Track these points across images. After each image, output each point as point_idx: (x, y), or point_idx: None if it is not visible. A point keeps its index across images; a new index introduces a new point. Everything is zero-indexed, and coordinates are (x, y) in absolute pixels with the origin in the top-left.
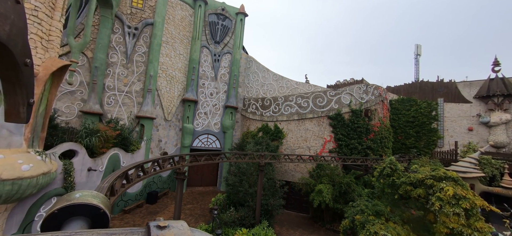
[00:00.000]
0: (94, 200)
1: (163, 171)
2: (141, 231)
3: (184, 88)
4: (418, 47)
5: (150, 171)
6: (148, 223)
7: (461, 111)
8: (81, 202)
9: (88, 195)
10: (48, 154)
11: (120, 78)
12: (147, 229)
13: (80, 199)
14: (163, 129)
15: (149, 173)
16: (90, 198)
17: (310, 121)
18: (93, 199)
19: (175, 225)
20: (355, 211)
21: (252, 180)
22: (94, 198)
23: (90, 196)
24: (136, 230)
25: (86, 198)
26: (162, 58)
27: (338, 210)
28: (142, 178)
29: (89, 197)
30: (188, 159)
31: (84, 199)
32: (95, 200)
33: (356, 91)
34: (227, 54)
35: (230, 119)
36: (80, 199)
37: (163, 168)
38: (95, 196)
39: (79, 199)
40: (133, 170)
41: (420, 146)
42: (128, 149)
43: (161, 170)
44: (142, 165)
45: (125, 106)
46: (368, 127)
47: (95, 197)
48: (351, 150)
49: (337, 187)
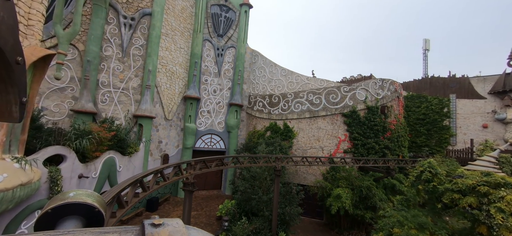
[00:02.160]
0: (89, 199)
1: (168, 183)
2: (135, 229)
3: (185, 85)
4: (426, 42)
5: (152, 186)
6: (142, 221)
7: (475, 108)
8: (75, 201)
9: (83, 194)
10: (29, 160)
11: (116, 73)
12: (142, 227)
13: (74, 198)
14: (164, 129)
15: (150, 188)
16: (84, 197)
17: (323, 119)
18: (88, 198)
19: (170, 223)
20: (391, 222)
21: (265, 186)
22: (88, 197)
23: (84, 195)
24: (130, 228)
25: (80, 197)
26: (161, 51)
27: (358, 216)
28: (141, 196)
29: (84, 196)
30: (197, 167)
31: (78, 198)
32: (89, 199)
33: (372, 87)
34: (231, 48)
35: (235, 118)
36: (74, 198)
37: (168, 180)
38: (89, 195)
39: (73, 198)
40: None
41: (432, 144)
42: (125, 151)
43: (166, 182)
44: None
45: (122, 105)
46: (385, 124)
47: (89, 196)
48: (368, 150)
49: (357, 191)
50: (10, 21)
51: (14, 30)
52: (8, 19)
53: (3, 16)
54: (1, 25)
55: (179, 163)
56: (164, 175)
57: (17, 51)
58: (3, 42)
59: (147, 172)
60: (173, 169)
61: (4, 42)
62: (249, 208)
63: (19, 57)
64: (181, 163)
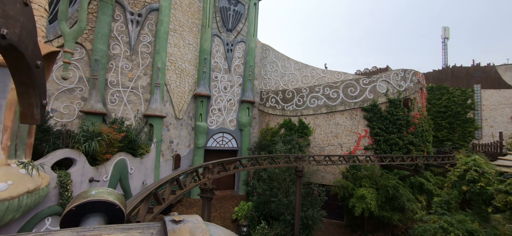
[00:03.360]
0: (110, 197)
1: (185, 191)
2: (156, 225)
3: (195, 83)
4: (445, 30)
5: (167, 197)
6: (163, 217)
7: (503, 98)
8: (97, 199)
9: (104, 192)
10: (36, 165)
11: (124, 72)
12: (163, 224)
13: (96, 196)
14: (175, 129)
15: (166, 200)
16: (106, 195)
17: (341, 114)
18: (109, 196)
19: (190, 219)
20: (432, 228)
21: (284, 187)
22: (109, 195)
23: (105, 193)
24: (152, 224)
25: (102, 195)
26: (170, 48)
27: (385, 218)
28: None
29: (105, 194)
30: (215, 170)
31: (100, 196)
32: (110, 197)
33: (393, 78)
34: (241, 43)
35: (247, 115)
36: (96, 196)
37: (186, 187)
38: (110, 193)
39: (95, 196)
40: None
41: (454, 138)
42: (136, 153)
43: (183, 190)
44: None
45: (131, 104)
46: (408, 118)
47: (110, 194)
48: (391, 146)
49: (382, 191)
50: (30, 26)
51: (34, 35)
52: (27, 24)
53: (23, 21)
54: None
55: (195, 167)
56: (180, 183)
57: (37, 55)
58: (24, 47)
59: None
60: (190, 174)
61: (25, 47)
62: (268, 211)
63: (38, 61)
64: (199, 166)
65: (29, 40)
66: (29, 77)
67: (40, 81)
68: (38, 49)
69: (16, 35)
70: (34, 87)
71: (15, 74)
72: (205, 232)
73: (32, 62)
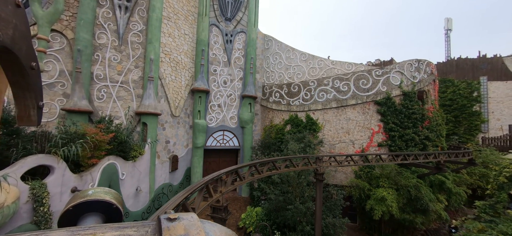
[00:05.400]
0: (107, 196)
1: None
2: (152, 224)
3: (192, 77)
4: (448, 21)
5: None
6: (158, 216)
7: (510, 90)
8: (94, 199)
9: (101, 191)
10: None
11: (113, 64)
12: (158, 222)
13: (93, 195)
14: (171, 127)
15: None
16: (103, 194)
17: (353, 108)
18: (106, 195)
19: (185, 217)
20: None
21: (299, 192)
22: (106, 194)
23: (102, 192)
24: (147, 223)
25: (99, 194)
26: (164, 38)
27: (406, 221)
28: None
29: (102, 193)
30: (229, 180)
31: (97, 195)
32: (107, 196)
33: (407, 69)
34: (241, 33)
35: (249, 111)
36: (93, 195)
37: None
38: (107, 192)
39: (92, 196)
40: None
41: (460, 132)
42: (128, 155)
43: None
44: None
45: (121, 101)
46: (423, 112)
47: (107, 193)
48: (406, 142)
49: (403, 192)
50: (23, 27)
51: (27, 36)
52: (20, 25)
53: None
54: (15, 32)
55: (205, 181)
56: (187, 207)
57: (31, 56)
58: (17, 49)
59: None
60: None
61: (19, 49)
62: (282, 219)
63: (33, 63)
64: (209, 180)
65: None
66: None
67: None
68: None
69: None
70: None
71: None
72: (200, 229)
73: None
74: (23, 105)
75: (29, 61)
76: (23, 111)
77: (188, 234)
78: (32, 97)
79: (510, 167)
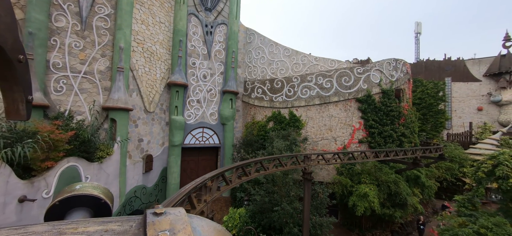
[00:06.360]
0: (95, 191)
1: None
2: (137, 218)
3: (169, 69)
4: (418, 25)
5: None
6: (144, 210)
7: (470, 91)
8: (81, 193)
9: (89, 186)
10: None
11: (74, 52)
12: (144, 217)
13: (80, 190)
14: (144, 124)
15: None
16: (91, 189)
17: (335, 105)
18: (94, 190)
19: (172, 212)
20: (466, 234)
21: (285, 191)
22: (94, 189)
23: (90, 187)
24: (132, 217)
25: (86, 189)
26: (136, 25)
27: (386, 216)
28: None
29: (90, 188)
30: (214, 187)
31: (84, 190)
32: (95, 191)
33: (386, 68)
34: (222, 25)
35: (230, 107)
36: (81, 190)
37: None
38: (95, 187)
39: (79, 190)
40: None
41: (427, 129)
42: (93, 156)
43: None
44: None
45: (85, 94)
46: (400, 110)
47: (95, 188)
48: (385, 139)
49: (384, 188)
50: (8, 19)
51: (13, 28)
52: (5, 17)
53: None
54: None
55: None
56: None
57: (18, 49)
58: (2, 41)
59: None
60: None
61: (4, 41)
62: (268, 221)
63: (20, 56)
64: (192, 188)
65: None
66: (11, 73)
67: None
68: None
69: None
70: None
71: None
72: (186, 224)
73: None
74: (11, 99)
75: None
76: (11, 105)
77: (174, 228)
78: (20, 91)
79: (488, 163)
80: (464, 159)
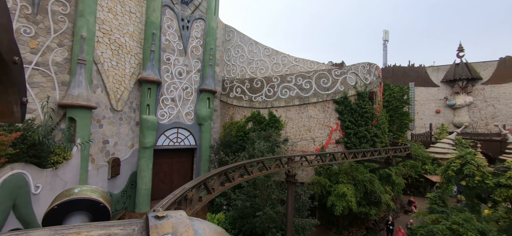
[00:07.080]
0: (93, 195)
1: None
2: (139, 222)
3: (140, 64)
4: (386, 33)
5: None
6: (146, 213)
7: (430, 95)
8: (80, 197)
9: (87, 189)
10: None
11: (23, 39)
12: (145, 220)
13: (78, 194)
14: (110, 124)
15: None
16: (89, 192)
17: (314, 106)
18: (92, 194)
19: (174, 215)
20: (440, 230)
21: (266, 194)
22: (93, 193)
23: (89, 190)
24: (134, 221)
25: (85, 193)
26: (101, 12)
27: (362, 214)
28: None
29: (88, 191)
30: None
31: (83, 194)
32: (94, 195)
33: (361, 71)
34: (200, 20)
35: (207, 107)
36: (79, 194)
37: None
38: (94, 191)
39: (78, 194)
40: None
41: (394, 129)
42: (46, 161)
43: None
44: None
45: (36, 89)
46: (373, 111)
47: (94, 192)
48: (360, 139)
49: (360, 187)
50: (3, 20)
51: (8, 29)
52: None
53: None
54: None
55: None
56: None
57: (13, 50)
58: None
59: None
60: None
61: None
62: (250, 227)
63: (16, 57)
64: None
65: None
66: (6, 74)
67: (19, 78)
68: (14, 44)
69: None
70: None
71: None
72: (188, 227)
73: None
74: (5, 101)
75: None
76: (6, 107)
77: (176, 232)
78: (15, 93)
79: (456, 162)
80: (426, 157)
